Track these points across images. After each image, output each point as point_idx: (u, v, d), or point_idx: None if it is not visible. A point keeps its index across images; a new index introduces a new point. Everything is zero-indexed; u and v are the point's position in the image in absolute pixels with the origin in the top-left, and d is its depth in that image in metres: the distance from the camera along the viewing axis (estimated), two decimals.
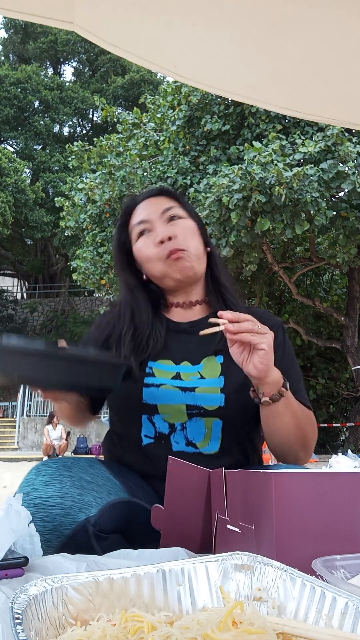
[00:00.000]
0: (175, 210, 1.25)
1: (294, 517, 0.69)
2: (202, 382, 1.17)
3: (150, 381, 1.17)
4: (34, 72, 23.60)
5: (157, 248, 1.20)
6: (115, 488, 1.04)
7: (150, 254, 1.22)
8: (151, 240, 1.22)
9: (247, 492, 0.76)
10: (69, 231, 10.82)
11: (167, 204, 1.26)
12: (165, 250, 1.20)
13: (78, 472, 1.01)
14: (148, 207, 1.26)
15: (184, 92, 9.28)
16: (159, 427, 1.16)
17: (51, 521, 0.92)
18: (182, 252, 1.20)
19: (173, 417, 1.15)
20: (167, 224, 1.23)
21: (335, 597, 0.48)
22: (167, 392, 1.16)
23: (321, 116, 1.95)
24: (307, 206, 7.37)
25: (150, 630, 0.46)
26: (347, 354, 10.75)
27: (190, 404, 1.15)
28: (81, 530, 0.92)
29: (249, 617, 0.47)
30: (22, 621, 0.42)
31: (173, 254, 1.19)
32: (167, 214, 1.24)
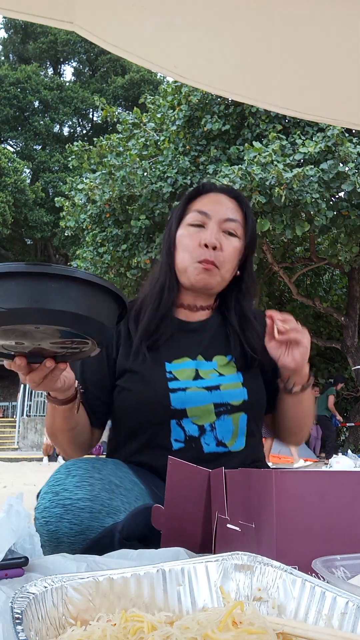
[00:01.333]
0: (236, 227, 1.24)
1: (294, 516, 0.69)
2: (223, 379, 1.20)
3: (176, 385, 1.17)
4: (34, 72, 23.59)
5: (199, 247, 1.20)
6: (142, 493, 1.04)
7: (190, 246, 1.22)
8: (199, 235, 1.21)
9: (248, 491, 0.76)
10: (69, 231, 10.82)
11: (234, 214, 1.25)
12: (202, 255, 1.20)
13: (108, 475, 1.00)
14: (216, 203, 1.25)
15: (184, 92, 9.28)
16: (188, 431, 1.16)
17: (79, 524, 0.91)
18: (213, 268, 1.20)
19: (201, 418, 1.16)
20: (220, 232, 1.22)
21: (335, 597, 0.48)
22: (194, 394, 1.16)
23: (321, 116, 1.95)
24: (307, 207, 7.37)
25: (150, 630, 0.46)
26: (347, 354, 10.75)
27: (217, 402, 1.17)
28: (107, 535, 0.91)
29: (249, 617, 0.47)
30: (22, 621, 0.42)
31: (206, 262, 1.20)
32: (227, 225, 1.23)
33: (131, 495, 1.01)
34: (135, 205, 9.41)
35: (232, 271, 1.26)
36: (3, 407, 17.67)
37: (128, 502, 0.98)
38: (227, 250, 1.21)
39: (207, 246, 1.19)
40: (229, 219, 1.23)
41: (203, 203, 1.26)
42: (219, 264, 1.21)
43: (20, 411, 15.18)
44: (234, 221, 1.24)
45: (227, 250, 1.21)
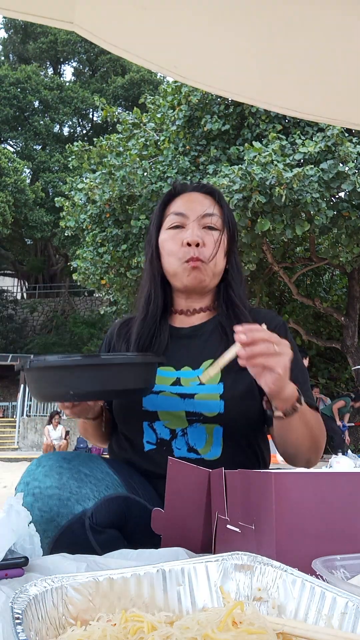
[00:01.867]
0: (215, 220, 1.24)
1: (294, 517, 0.69)
2: (201, 388, 1.16)
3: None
4: (34, 72, 23.60)
5: (182, 248, 1.20)
6: (115, 483, 1.05)
7: (173, 249, 1.22)
8: (180, 237, 1.22)
9: (247, 492, 0.76)
10: (69, 231, 10.82)
11: (211, 208, 1.25)
12: (187, 254, 1.20)
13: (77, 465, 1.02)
14: (191, 202, 1.26)
15: (184, 92, 9.28)
16: (160, 433, 1.16)
17: (48, 511, 0.94)
18: (200, 264, 1.20)
19: (173, 423, 1.16)
20: (200, 229, 1.22)
21: (335, 597, 0.48)
22: (166, 399, 1.16)
23: (321, 116, 1.95)
24: (307, 207, 7.37)
25: (150, 630, 0.46)
26: (347, 354, 10.75)
27: (189, 411, 1.15)
28: (77, 522, 0.93)
29: (249, 617, 0.47)
30: (22, 621, 0.42)
31: (193, 261, 1.19)
32: (206, 220, 1.23)
33: (101, 485, 1.02)
34: (135, 205, 9.41)
35: (221, 265, 1.25)
36: (3, 407, 17.67)
37: (98, 491, 0.99)
38: (211, 244, 1.21)
39: (190, 244, 1.19)
40: (206, 214, 1.23)
41: (178, 205, 1.26)
42: (205, 259, 1.20)
43: (20, 411, 15.19)
44: (211, 215, 1.24)
45: (210, 244, 1.21)
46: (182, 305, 1.29)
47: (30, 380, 1.03)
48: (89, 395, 1.03)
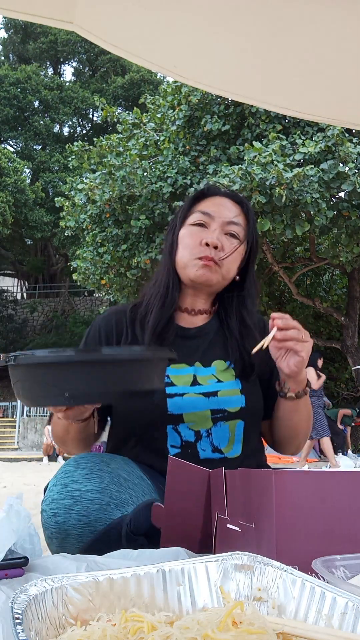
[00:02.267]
0: (238, 230, 1.25)
1: (294, 517, 0.69)
2: (221, 385, 1.19)
3: (173, 391, 1.16)
4: (34, 72, 23.59)
5: (200, 246, 1.21)
6: (149, 489, 1.05)
7: (190, 244, 1.22)
8: (201, 235, 1.22)
9: (248, 491, 0.76)
10: (69, 231, 10.81)
11: (238, 218, 1.25)
12: (202, 252, 1.20)
13: (116, 468, 1.01)
14: (220, 206, 1.26)
15: (184, 92, 9.27)
16: (184, 436, 1.16)
17: (87, 515, 0.92)
18: (214, 265, 1.20)
19: (198, 424, 1.16)
20: (222, 234, 1.23)
21: (335, 597, 0.48)
22: (191, 400, 1.16)
23: (321, 116, 1.95)
24: (307, 207, 7.37)
25: (150, 630, 0.46)
26: (347, 354, 10.74)
27: (214, 409, 1.16)
28: (115, 528, 0.92)
29: (249, 617, 0.47)
30: (22, 621, 0.42)
31: (206, 259, 1.20)
32: (230, 228, 1.24)
33: (139, 490, 1.02)
34: (135, 205, 9.41)
35: (233, 272, 1.26)
36: (3, 407, 17.67)
37: (136, 496, 0.99)
38: (229, 251, 1.22)
39: (209, 245, 1.20)
40: (232, 222, 1.24)
41: (207, 205, 1.26)
42: (219, 262, 1.21)
43: (20, 411, 15.19)
44: (236, 224, 1.24)
45: (228, 251, 1.22)
46: (187, 303, 1.29)
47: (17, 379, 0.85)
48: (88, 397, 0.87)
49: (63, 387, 0.81)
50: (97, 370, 0.83)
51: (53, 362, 0.80)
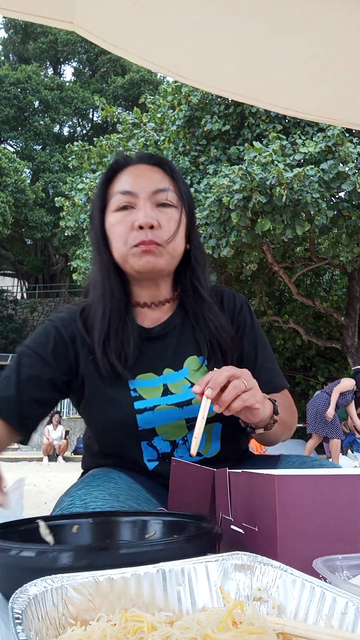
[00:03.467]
0: (170, 196, 1.08)
1: (297, 519, 0.69)
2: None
3: (142, 405, 1.07)
4: (34, 72, 23.60)
5: (133, 231, 1.05)
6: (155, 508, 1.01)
7: (122, 233, 1.06)
8: (130, 219, 1.05)
9: (251, 493, 0.76)
10: (69, 231, 10.82)
11: (163, 182, 1.08)
12: (138, 238, 1.04)
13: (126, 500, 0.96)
14: (140, 178, 1.08)
15: (184, 92, 9.28)
16: (160, 449, 1.10)
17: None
18: (155, 247, 1.05)
19: (173, 434, 1.09)
20: (154, 208, 1.06)
21: (335, 597, 0.48)
22: (163, 412, 1.07)
23: (321, 116, 1.95)
24: (308, 207, 7.37)
25: (150, 630, 0.46)
26: (347, 354, 10.74)
27: (189, 417, 1.08)
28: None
29: (249, 617, 0.46)
30: (22, 621, 0.42)
31: (144, 244, 1.04)
32: (159, 197, 1.07)
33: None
34: None
35: (181, 246, 1.10)
36: None
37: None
38: (167, 224, 1.06)
39: (142, 227, 1.04)
40: (158, 190, 1.07)
41: (124, 181, 1.08)
42: (162, 242, 1.05)
43: None
44: (164, 190, 1.07)
45: (167, 225, 1.06)
46: (143, 297, 1.14)
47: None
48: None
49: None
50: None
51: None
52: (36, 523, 0.79)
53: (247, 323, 1.19)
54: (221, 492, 0.84)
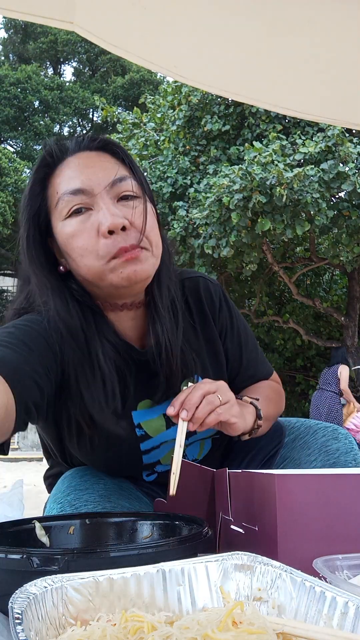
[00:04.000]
0: (129, 184, 0.87)
1: (297, 518, 0.69)
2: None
3: (150, 445, 1.01)
4: (34, 72, 23.58)
5: (103, 240, 0.83)
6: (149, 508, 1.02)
7: (89, 246, 0.83)
8: (91, 224, 0.84)
9: (251, 493, 0.76)
10: None
11: (116, 168, 0.87)
12: (113, 246, 0.83)
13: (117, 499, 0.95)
14: (88, 169, 0.86)
15: (184, 92, 9.27)
16: (159, 469, 1.08)
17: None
18: (140, 252, 0.85)
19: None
20: (116, 203, 0.86)
21: (335, 597, 0.48)
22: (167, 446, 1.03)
23: (321, 116, 1.95)
24: (308, 207, 7.37)
25: (150, 630, 0.46)
26: (347, 354, 10.74)
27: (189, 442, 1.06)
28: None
29: (249, 617, 0.46)
30: (22, 621, 0.42)
31: (126, 251, 0.84)
32: (118, 189, 0.86)
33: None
34: None
35: (160, 240, 0.92)
36: None
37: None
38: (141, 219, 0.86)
39: (113, 232, 0.83)
40: (115, 180, 0.86)
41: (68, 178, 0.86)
42: (143, 243, 0.86)
43: None
44: (123, 179, 0.87)
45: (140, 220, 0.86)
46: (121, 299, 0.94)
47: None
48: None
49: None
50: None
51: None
52: (32, 524, 0.80)
53: (228, 322, 1.11)
54: (221, 492, 0.84)
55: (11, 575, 0.60)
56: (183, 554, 0.60)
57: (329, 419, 7.38)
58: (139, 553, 0.62)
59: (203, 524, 0.74)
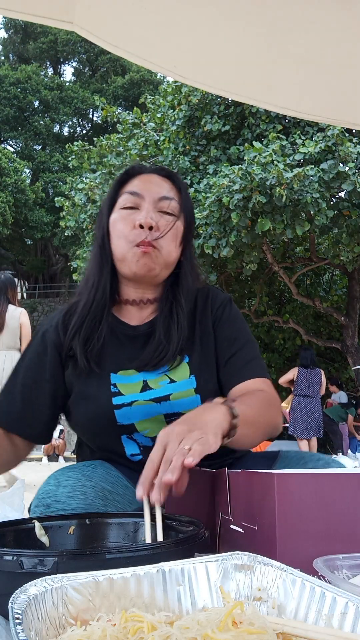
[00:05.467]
0: (172, 205, 1.15)
1: (296, 518, 0.69)
2: (173, 386, 1.10)
3: (120, 401, 1.09)
4: (34, 72, 23.60)
5: (134, 230, 1.10)
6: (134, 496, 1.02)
7: (124, 230, 1.12)
8: (133, 218, 1.12)
9: (250, 492, 0.76)
10: (69, 231, 10.81)
11: (169, 192, 1.15)
12: (139, 237, 1.10)
13: (99, 482, 0.98)
14: (148, 183, 1.16)
15: (184, 92, 9.27)
16: (141, 442, 1.11)
17: None
18: (152, 250, 1.10)
19: (153, 430, 1.09)
20: (156, 212, 1.13)
21: (335, 597, 0.48)
22: (141, 408, 1.09)
23: (321, 116, 1.95)
24: (308, 206, 7.37)
25: (150, 630, 0.46)
26: (347, 354, 10.74)
27: (168, 413, 1.09)
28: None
29: (249, 617, 0.46)
30: (22, 621, 0.42)
31: (144, 245, 1.09)
32: (162, 204, 1.14)
33: (124, 501, 1.00)
34: None
35: (175, 254, 1.15)
36: None
37: (122, 508, 0.98)
38: (165, 229, 1.12)
39: (143, 227, 1.10)
40: (163, 197, 1.14)
41: (134, 185, 1.16)
42: (157, 245, 1.10)
43: None
44: (169, 199, 1.14)
45: (165, 230, 1.12)
46: (131, 294, 1.19)
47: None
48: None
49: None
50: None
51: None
52: (32, 524, 0.80)
53: (224, 316, 1.20)
54: (221, 491, 0.84)
55: (4, 576, 0.60)
56: (178, 556, 0.60)
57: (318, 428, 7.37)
58: (133, 555, 0.62)
59: (200, 526, 0.73)
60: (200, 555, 0.60)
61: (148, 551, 0.63)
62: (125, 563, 0.59)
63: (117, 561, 0.61)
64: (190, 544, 0.67)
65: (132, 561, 0.61)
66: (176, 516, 0.81)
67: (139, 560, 0.61)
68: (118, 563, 0.59)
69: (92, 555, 0.63)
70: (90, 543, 0.83)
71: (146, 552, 0.63)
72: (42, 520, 0.82)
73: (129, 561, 0.61)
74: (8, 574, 0.60)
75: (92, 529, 0.84)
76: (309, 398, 7.41)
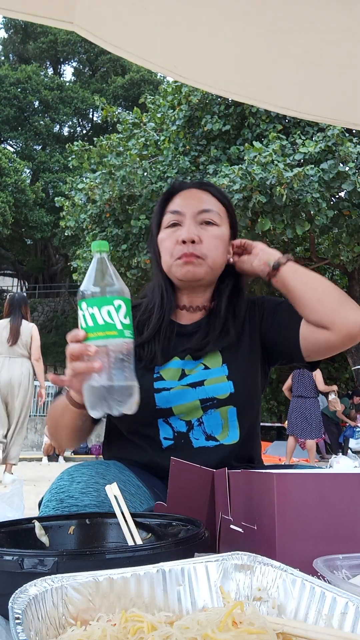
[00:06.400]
0: (212, 215, 1.24)
1: (296, 518, 0.69)
2: (207, 373, 1.20)
3: (161, 385, 1.18)
4: (34, 72, 23.57)
5: (177, 246, 1.21)
6: (146, 497, 1.05)
7: (169, 247, 1.22)
8: (176, 235, 1.22)
9: (250, 492, 0.76)
10: (69, 231, 10.81)
11: (208, 204, 1.24)
12: (181, 251, 1.20)
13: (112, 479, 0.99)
14: (188, 199, 1.26)
15: (184, 92, 9.27)
16: (176, 427, 1.18)
17: None
18: (195, 259, 1.19)
19: (188, 414, 1.17)
20: (197, 225, 1.22)
21: (335, 597, 0.48)
22: (178, 392, 1.17)
23: (321, 116, 1.95)
24: (308, 206, 7.37)
25: (150, 630, 0.46)
26: (347, 354, 10.74)
27: (203, 398, 1.17)
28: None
29: (249, 617, 0.46)
30: (22, 621, 0.42)
31: (186, 256, 1.19)
32: (203, 217, 1.23)
33: (136, 500, 1.02)
34: (135, 205, 9.41)
35: (221, 259, 1.25)
36: None
37: (133, 507, 0.98)
38: (208, 240, 1.21)
39: (185, 242, 1.19)
40: (203, 210, 1.23)
41: (176, 203, 1.26)
42: (202, 255, 1.20)
43: None
44: (208, 211, 1.23)
45: (207, 240, 1.21)
46: (184, 300, 1.30)
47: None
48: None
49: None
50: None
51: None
52: (32, 524, 0.80)
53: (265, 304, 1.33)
54: (220, 491, 0.84)
55: (4, 576, 0.61)
56: (178, 556, 0.60)
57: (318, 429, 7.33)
58: (133, 555, 0.62)
59: (200, 526, 0.74)
60: (200, 555, 0.60)
61: (148, 551, 0.63)
62: (125, 563, 0.59)
63: (117, 561, 0.61)
64: (190, 544, 0.67)
65: (132, 561, 0.61)
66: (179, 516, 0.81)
67: (139, 560, 0.61)
68: (118, 563, 0.59)
69: (92, 555, 0.64)
70: (90, 543, 0.83)
71: (146, 552, 0.63)
72: (42, 520, 0.82)
73: (129, 561, 0.61)
74: (8, 574, 0.60)
75: (92, 529, 0.84)
76: (303, 398, 7.37)
